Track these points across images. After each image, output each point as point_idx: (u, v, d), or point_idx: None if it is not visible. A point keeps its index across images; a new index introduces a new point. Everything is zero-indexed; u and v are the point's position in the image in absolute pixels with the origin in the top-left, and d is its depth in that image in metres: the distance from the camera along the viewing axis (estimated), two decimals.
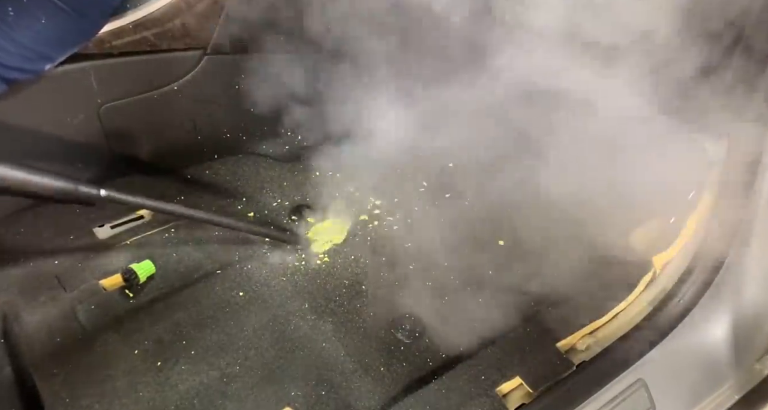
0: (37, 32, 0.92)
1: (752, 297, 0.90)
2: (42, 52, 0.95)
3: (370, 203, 1.38)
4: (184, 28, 1.22)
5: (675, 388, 0.88)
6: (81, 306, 1.03)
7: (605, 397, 0.83)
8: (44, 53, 0.96)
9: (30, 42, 0.92)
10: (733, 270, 0.89)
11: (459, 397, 0.88)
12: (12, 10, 0.89)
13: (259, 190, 1.40)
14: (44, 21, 0.91)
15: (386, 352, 1.02)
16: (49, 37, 0.94)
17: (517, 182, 1.35)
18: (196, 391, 0.92)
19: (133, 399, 0.90)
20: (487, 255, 1.24)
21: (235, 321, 1.04)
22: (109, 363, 0.95)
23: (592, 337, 0.97)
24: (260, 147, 1.49)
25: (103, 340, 0.98)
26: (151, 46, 1.20)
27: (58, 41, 0.97)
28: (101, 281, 1.07)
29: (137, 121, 1.25)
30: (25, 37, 0.91)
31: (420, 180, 1.45)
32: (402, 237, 1.29)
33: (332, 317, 1.08)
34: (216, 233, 1.23)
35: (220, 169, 1.44)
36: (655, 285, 1.01)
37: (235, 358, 0.98)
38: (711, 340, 0.90)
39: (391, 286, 1.16)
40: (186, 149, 1.39)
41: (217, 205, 1.32)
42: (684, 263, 0.95)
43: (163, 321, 1.03)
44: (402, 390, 0.95)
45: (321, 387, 0.95)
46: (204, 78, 1.30)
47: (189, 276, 1.12)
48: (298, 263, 1.20)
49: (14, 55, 0.92)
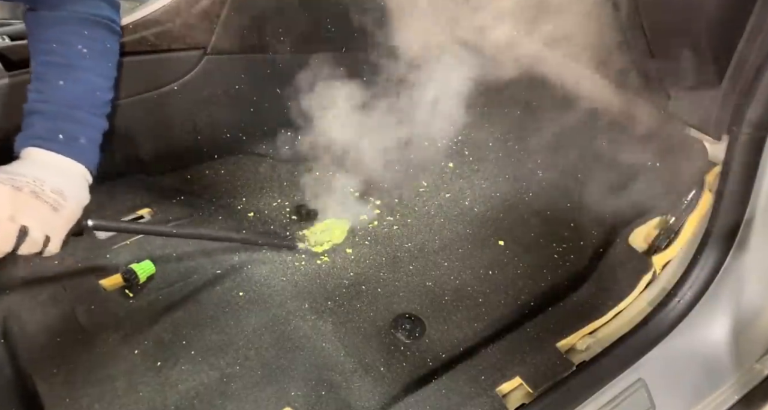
0: None
1: (752, 297, 0.90)
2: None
3: (370, 203, 1.38)
4: (184, 28, 1.22)
5: (675, 388, 0.88)
6: (81, 306, 1.03)
7: (605, 397, 0.83)
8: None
9: None
10: (732, 270, 0.89)
11: (459, 397, 0.88)
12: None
13: (259, 190, 1.40)
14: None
15: (386, 352, 1.02)
16: None
17: (516, 180, 1.36)
18: (196, 391, 0.92)
19: (133, 399, 0.90)
20: (487, 255, 1.24)
21: (235, 321, 1.04)
22: (109, 363, 0.95)
23: (592, 337, 0.97)
24: (260, 147, 1.49)
25: (103, 340, 0.98)
26: (151, 46, 1.20)
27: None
28: (101, 281, 1.07)
29: (137, 120, 1.25)
30: None
31: (420, 180, 1.46)
32: (402, 237, 1.29)
33: (332, 317, 1.08)
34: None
35: (220, 169, 1.44)
36: (655, 285, 1.01)
37: (235, 358, 0.98)
38: (711, 340, 0.90)
39: (391, 286, 1.16)
40: (186, 149, 1.39)
41: (217, 204, 1.32)
42: (684, 263, 0.95)
43: (163, 321, 1.03)
44: (402, 390, 0.95)
45: (321, 387, 0.94)
46: (204, 78, 1.30)
47: (189, 276, 1.12)
48: (298, 263, 1.20)
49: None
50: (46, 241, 0.78)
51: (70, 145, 0.88)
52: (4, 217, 0.72)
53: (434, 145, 1.55)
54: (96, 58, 0.96)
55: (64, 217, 0.80)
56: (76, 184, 0.86)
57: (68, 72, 0.92)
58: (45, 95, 0.90)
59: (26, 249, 0.76)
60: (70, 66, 0.93)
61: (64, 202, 0.80)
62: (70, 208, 0.82)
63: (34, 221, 0.76)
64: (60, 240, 0.81)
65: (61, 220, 0.80)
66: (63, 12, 0.92)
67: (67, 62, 0.93)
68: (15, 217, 0.73)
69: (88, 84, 0.95)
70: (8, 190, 0.74)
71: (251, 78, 1.37)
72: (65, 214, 0.81)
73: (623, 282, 1.02)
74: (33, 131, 0.88)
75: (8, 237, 0.73)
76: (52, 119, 0.89)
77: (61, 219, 0.80)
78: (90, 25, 0.95)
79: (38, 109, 0.90)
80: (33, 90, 0.91)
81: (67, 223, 0.82)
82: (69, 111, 0.91)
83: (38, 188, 0.77)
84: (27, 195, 0.75)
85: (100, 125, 0.96)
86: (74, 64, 0.93)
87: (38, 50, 0.93)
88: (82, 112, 0.92)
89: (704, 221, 0.94)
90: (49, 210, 0.78)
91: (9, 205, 0.73)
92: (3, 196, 0.73)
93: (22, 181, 0.76)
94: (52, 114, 0.90)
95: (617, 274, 1.05)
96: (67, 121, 0.90)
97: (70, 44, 0.93)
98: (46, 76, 0.92)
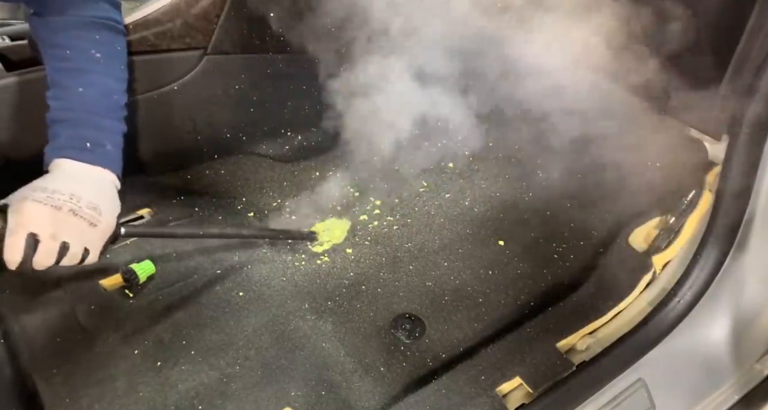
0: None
1: (752, 297, 0.90)
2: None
3: (370, 203, 1.38)
4: (184, 28, 1.22)
5: (675, 388, 0.88)
6: (81, 306, 1.03)
7: (605, 397, 0.83)
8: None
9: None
10: (733, 270, 0.89)
11: (459, 397, 0.88)
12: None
13: (259, 189, 1.40)
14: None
15: (386, 352, 1.02)
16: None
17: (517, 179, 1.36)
18: (196, 391, 0.92)
19: (133, 399, 0.90)
20: (487, 255, 1.24)
21: (235, 321, 1.04)
22: (109, 363, 0.95)
23: (592, 337, 0.97)
24: (260, 147, 1.49)
25: (103, 340, 0.98)
26: (151, 46, 1.20)
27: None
28: (101, 281, 1.07)
29: (137, 120, 1.25)
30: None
31: (420, 180, 1.46)
32: (402, 237, 1.29)
33: (332, 317, 1.08)
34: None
35: (220, 169, 1.44)
36: (655, 285, 1.01)
37: (235, 358, 0.98)
38: (711, 340, 0.90)
39: (391, 286, 1.16)
40: (186, 149, 1.39)
41: (217, 204, 1.32)
42: (684, 263, 0.95)
43: (163, 321, 1.03)
44: (402, 390, 0.95)
45: (321, 387, 0.94)
46: (204, 78, 1.30)
47: (189, 276, 1.12)
48: (298, 263, 1.20)
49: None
50: (85, 253, 0.83)
51: (98, 153, 0.90)
52: (47, 236, 0.77)
53: (435, 145, 1.55)
54: (108, 61, 0.97)
55: (101, 230, 0.85)
56: (108, 195, 0.89)
57: (84, 77, 0.92)
58: (65, 102, 0.91)
59: (68, 262, 0.81)
60: (85, 71, 0.93)
61: (99, 217, 0.84)
62: (106, 222, 0.85)
63: (74, 237, 0.81)
64: (98, 251, 0.85)
65: (98, 233, 0.84)
66: (69, 17, 0.92)
67: (81, 67, 0.93)
68: (56, 235, 0.78)
69: (105, 88, 0.95)
70: (48, 210, 0.78)
71: (251, 78, 1.37)
72: (101, 228, 0.84)
73: (623, 282, 1.02)
74: (60, 142, 0.89)
75: (51, 254, 0.78)
76: (76, 127, 0.90)
77: (98, 232, 0.84)
78: (98, 28, 0.95)
79: (61, 118, 0.90)
80: (52, 97, 0.92)
81: (104, 235, 0.86)
82: (91, 117, 0.92)
83: (75, 206, 0.81)
84: (66, 214, 0.79)
85: (121, 129, 0.97)
86: (89, 68, 0.93)
87: (51, 57, 0.93)
88: (103, 117, 0.93)
89: (704, 221, 0.94)
90: (87, 226, 0.82)
91: (50, 224, 0.77)
92: (44, 216, 0.77)
93: (60, 199, 0.80)
94: (75, 122, 0.90)
95: (617, 274, 1.05)
96: (90, 128, 0.91)
97: (83, 49, 0.93)
98: (63, 82, 0.92)
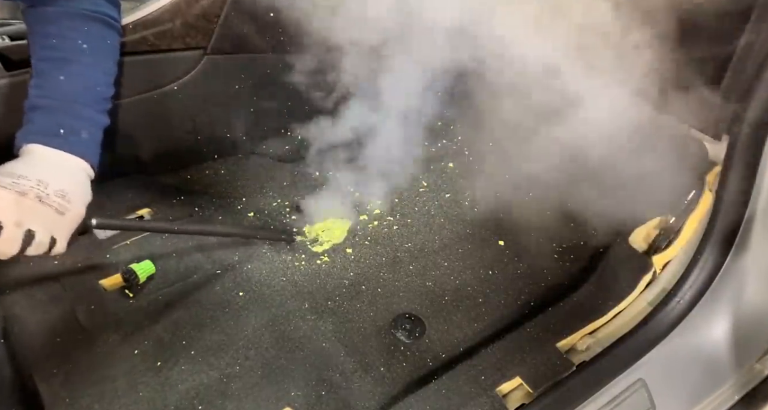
0: None
1: (752, 297, 0.90)
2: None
3: (370, 203, 1.38)
4: (184, 28, 1.22)
5: (675, 388, 0.88)
6: (81, 306, 1.03)
7: (605, 397, 0.83)
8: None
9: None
10: (733, 270, 0.89)
11: (459, 397, 0.88)
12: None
13: (259, 189, 1.40)
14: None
15: (386, 352, 1.02)
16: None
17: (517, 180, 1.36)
18: (196, 391, 0.92)
19: (133, 399, 0.90)
20: (487, 255, 1.24)
21: (235, 321, 1.04)
22: (109, 363, 0.95)
23: (592, 337, 0.97)
24: (260, 147, 1.49)
25: (103, 340, 0.98)
26: (150, 46, 1.20)
27: None
28: (101, 281, 1.07)
29: (137, 120, 1.25)
30: None
31: (420, 180, 1.46)
32: (402, 237, 1.29)
33: (332, 317, 1.08)
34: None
35: (220, 169, 1.44)
36: (655, 285, 1.01)
37: (235, 358, 0.98)
38: (711, 340, 0.90)
39: (391, 286, 1.16)
40: (186, 149, 1.39)
41: (217, 204, 1.32)
42: (684, 263, 0.95)
43: (163, 321, 1.03)
44: (402, 390, 0.95)
45: (321, 387, 0.94)
46: (204, 78, 1.30)
47: (189, 276, 1.12)
48: (298, 263, 1.20)
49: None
50: (52, 243, 0.80)
51: (71, 140, 0.88)
52: (10, 223, 0.74)
53: (435, 145, 1.55)
54: (96, 53, 0.96)
55: (69, 219, 0.82)
56: (79, 183, 0.87)
57: (68, 67, 0.92)
58: (45, 90, 0.90)
59: (33, 251, 0.78)
60: (70, 61, 0.92)
61: (68, 205, 0.81)
62: (74, 210, 0.83)
63: (40, 225, 0.78)
64: (65, 240, 0.82)
65: (66, 222, 0.82)
66: (60, 8, 0.92)
67: (67, 57, 0.92)
68: (21, 222, 0.75)
69: (88, 79, 0.94)
70: (13, 195, 0.75)
71: (251, 78, 1.37)
72: (70, 216, 0.82)
73: (623, 282, 1.02)
74: (33, 127, 0.87)
75: (15, 242, 0.75)
76: (52, 114, 0.89)
77: (66, 221, 0.81)
78: (89, 20, 0.95)
79: (38, 105, 0.89)
80: (33, 85, 0.91)
81: (72, 224, 0.83)
82: (69, 105, 0.90)
83: (42, 192, 0.78)
84: (32, 200, 0.77)
85: (101, 121, 0.96)
86: (74, 59, 0.93)
87: (38, 46, 0.93)
88: (83, 106, 0.92)
89: (704, 221, 0.94)
90: (54, 214, 0.79)
91: (14, 211, 0.75)
92: (8, 202, 0.75)
93: (26, 185, 0.77)
94: (52, 109, 0.89)
95: (617, 274, 1.05)
96: (67, 116, 0.90)
97: (70, 39, 0.93)
98: (46, 71, 0.91)
